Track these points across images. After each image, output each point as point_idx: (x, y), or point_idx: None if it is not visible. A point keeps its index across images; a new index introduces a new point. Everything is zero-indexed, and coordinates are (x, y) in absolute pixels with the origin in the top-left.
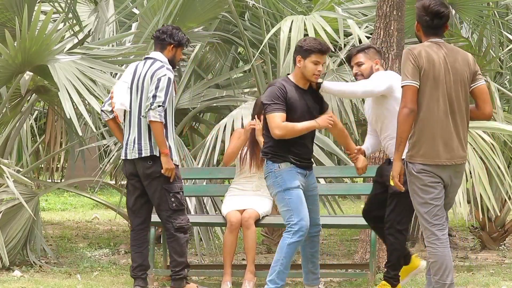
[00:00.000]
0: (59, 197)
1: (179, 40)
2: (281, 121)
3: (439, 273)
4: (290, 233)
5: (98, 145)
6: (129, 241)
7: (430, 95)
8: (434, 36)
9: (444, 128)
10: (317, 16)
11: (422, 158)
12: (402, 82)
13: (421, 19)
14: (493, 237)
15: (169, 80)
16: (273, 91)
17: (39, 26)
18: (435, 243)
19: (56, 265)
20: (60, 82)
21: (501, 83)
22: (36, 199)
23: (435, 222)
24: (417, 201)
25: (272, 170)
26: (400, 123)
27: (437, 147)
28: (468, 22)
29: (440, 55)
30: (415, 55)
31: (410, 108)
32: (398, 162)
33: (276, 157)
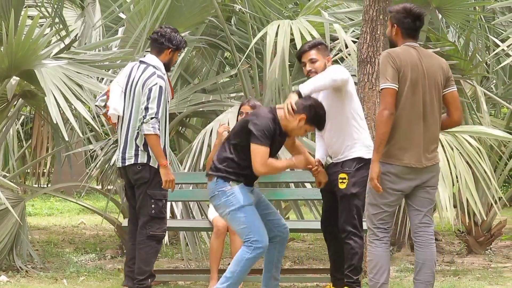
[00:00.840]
0: (45, 202)
1: (177, 44)
2: (267, 158)
3: (373, 272)
4: (250, 248)
5: (84, 150)
6: (115, 246)
7: (405, 98)
8: (412, 40)
9: (416, 131)
10: (304, 21)
11: (392, 159)
12: (382, 85)
13: (401, 22)
14: (479, 242)
15: (161, 88)
16: (268, 124)
17: (26, 31)
18: (375, 242)
19: (42, 270)
20: (47, 87)
21: (487, 88)
22: (22, 204)
23: (379, 225)
24: (370, 201)
25: (222, 189)
26: (380, 125)
27: (408, 150)
28: (454, 27)
29: (417, 59)
30: (394, 58)
31: (391, 111)
32: (377, 163)
33: (229, 176)
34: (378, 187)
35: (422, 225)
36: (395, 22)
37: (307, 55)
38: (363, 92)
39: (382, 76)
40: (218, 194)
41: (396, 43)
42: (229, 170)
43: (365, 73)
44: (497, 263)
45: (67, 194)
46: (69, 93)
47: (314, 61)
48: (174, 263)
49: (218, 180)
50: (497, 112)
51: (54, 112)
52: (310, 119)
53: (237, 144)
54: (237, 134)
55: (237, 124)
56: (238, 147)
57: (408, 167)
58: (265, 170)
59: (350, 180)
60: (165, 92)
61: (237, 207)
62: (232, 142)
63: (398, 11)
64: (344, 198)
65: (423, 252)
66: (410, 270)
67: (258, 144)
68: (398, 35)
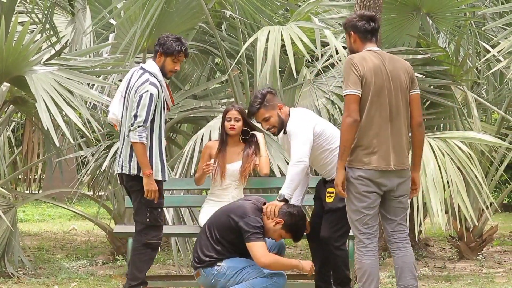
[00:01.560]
0: (36, 208)
1: (167, 49)
2: (266, 249)
3: (362, 280)
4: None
5: (75, 156)
6: (107, 252)
7: (371, 103)
8: (371, 44)
9: (384, 135)
10: (294, 27)
11: (361, 163)
12: (345, 91)
13: (357, 26)
14: (470, 247)
15: (151, 96)
16: (257, 220)
17: (16, 37)
18: (362, 250)
19: (34, 276)
20: (38, 93)
21: (478, 93)
22: (13, 210)
23: (364, 230)
24: (350, 207)
25: (215, 272)
26: (343, 132)
27: (376, 153)
28: (445, 32)
29: (380, 63)
30: (356, 64)
31: (354, 118)
32: (342, 170)
33: (214, 260)
34: (343, 193)
35: (396, 233)
36: (351, 30)
37: (259, 115)
38: None
39: (345, 82)
40: (215, 279)
41: (357, 52)
42: (214, 259)
43: None
44: (488, 269)
45: (58, 200)
46: (59, 99)
47: (268, 119)
48: (166, 269)
49: (205, 269)
50: (488, 118)
51: (45, 118)
52: (287, 226)
53: (224, 240)
54: (224, 232)
55: (220, 218)
56: (224, 242)
57: (378, 170)
58: (268, 261)
59: (337, 195)
60: (156, 99)
61: (237, 271)
62: (217, 237)
63: (351, 19)
64: (330, 212)
65: (400, 257)
66: None
67: (253, 241)
68: (357, 41)
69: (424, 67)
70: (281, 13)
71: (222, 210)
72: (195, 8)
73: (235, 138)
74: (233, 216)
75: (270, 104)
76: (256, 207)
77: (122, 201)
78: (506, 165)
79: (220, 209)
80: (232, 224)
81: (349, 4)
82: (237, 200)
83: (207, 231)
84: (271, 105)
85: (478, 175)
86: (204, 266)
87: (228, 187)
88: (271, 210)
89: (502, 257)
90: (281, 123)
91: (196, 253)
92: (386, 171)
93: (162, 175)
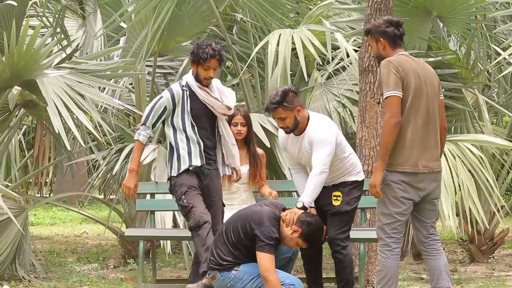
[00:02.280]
0: (47, 212)
1: (194, 56)
2: (274, 265)
3: (382, 282)
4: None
5: (86, 160)
6: (118, 255)
7: (410, 105)
8: (400, 49)
9: (422, 138)
10: (305, 30)
11: (401, 166)
12: (387, 93)
13: (386, 32)
14: (482, 250)
15: (159, 98)
16: (272, 231)
17: (27, 41)
18: (386, 253)
19: (45, 280)
20: (49, 97)
21: (489, 96)
22: (24, 214)
23: (392, 235)
24: (383, 211)
25: (232, 276)
26: (386, 133)
27: (416, 156)
28: (456, 35)
29: (416, 67)
30: (396, 66)
31: (398, 119)
32: (381, 171)
33: (231, 264)
34: (380, 194)
35: (431, 236)
36: (380, 36)
37: (276, 113)
38: (364, 101)
39: (385, 84)
40: (232, 283)
41: (386, 57)
42: (231, 263)
43: (367, 82)
44: (499, 272)
45: (69, 204)
46: (70, 103)
47: (284, 119)
48: (177, 272)
49: (221, 273)
50: (499, 121)
51: (56, 122)
52: (304, 235)
53: (241, 245)
54: (240, 237)
55: (237, 223)
56: (241, 248)
57: (418, 173)
58: (270, 279)
59: (344, 198)
60: (166, 103)
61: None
62: (234, 242)
63: (378, 25)
64: (338, 214)
65: (437, 259)
66: (413, 279)
67: (266, 252)
68: (386, 47)
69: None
70: (292, 16)
71: (239, 214)
72: (206, 12)
73: (241, 142)
74: (251, 223)
75: (290, 105)
76: (274, 215)
77: (133, 204)
78: None
79: (238, 213)
80: (248, 231)
81: (360, 7)
82: (256, 204)
83: (224, 235)
84: (290, 106)
85: (489, 178)
86: (221, 270)
87: (237, 190)
88: (290, 218)
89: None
90: (295, 125)
91: (213, 255)
92: (424, 174)
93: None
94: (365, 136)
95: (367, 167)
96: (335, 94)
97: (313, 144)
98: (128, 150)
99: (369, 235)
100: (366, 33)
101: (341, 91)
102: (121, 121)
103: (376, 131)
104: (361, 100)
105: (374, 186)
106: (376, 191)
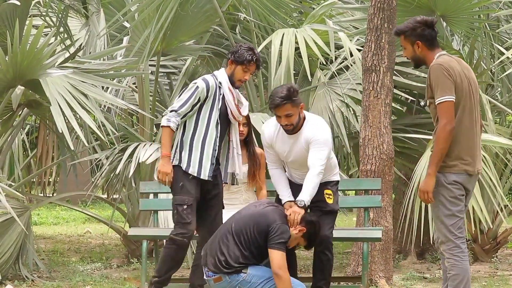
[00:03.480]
0: (51, 211)
1: (238, 57)
2: (285, 261)
3: (460, 286)
4: None
5: (90, 159)
6: (121, 255)
7: (462, 108)
8: (439, 49)
9: (471, 139)
10: (308, 29)
11: (455, 168)
12: (442, 98)
13: (422, 35)
14: (485, 249)
15: (196, 88)
16: (287, 230)
17: (31, 41)
18: (459, 255)
19: (48, 279)
20: (52, 97)
21: (492, 95)
22: (28, 213)
23: (459, 235)
24: (444, 212)
25: (240, 279)
26: (442, 139)
27: (467, 158)
28: (459, 35)
29: (460, 67)
30: (448, 69)
31: (453, 125)
32: (434, 178)
33: (242, 267)
34: (433, 200)
35: None
36: (417, 39)
37: (284, 109)
38: (368, 101)
39: (441, 88)
40: (239, 286)
41: (425, 60)
42: (242, 265)
43: (370, 82)
44: (503, 271)
45: (72, 203)
46: (74, 102)
47: (290, 116)
48: (180, 272)
49: (231, 276)
50: (502, 120)
51: (59, 121)
52: (308, 234)
53: (253, 246)
54: (253, 238)
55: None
56: (253, 248)
57: (469, 175)
58: (281, 274)
59: (334, 197)
60: (202, 93)
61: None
62: (247, 243)
63: (413, 27)
64: (331, 213)
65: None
66: (416, 278)
67: (278, 250)
68: (424, 49)
69: None
70: (295, 15)
71: (249, 215)
72: (209, 11)
73: (241, 142)
74: (265, 221)
75: (297, 102)
76: (283, 214)
77: (136, 204)
78: None
79: (244, 214)
80: (263, 230)
81: (363, 7)
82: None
83: (234, 236)
84: (297, 103)
85: (492, 177)
86: (231, 273)
87: (238, 190)
88: (294, 218)
89: None
90: (297, 123)
91: (223, 255)
92: (472, 175)
93: (197, 171)
94: (368, 136)
95: (371, 166)
96: (338, 93)
97: (312, 144)
98: (131, 149)
99: (373, 235)
100: (399, 35)
101: (344, 90)
102: (124, 121)
103: (379, 131)
104: (364, 99)
105: (427, 192)
106: (430, 197)
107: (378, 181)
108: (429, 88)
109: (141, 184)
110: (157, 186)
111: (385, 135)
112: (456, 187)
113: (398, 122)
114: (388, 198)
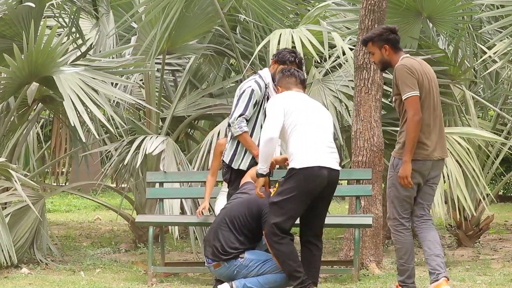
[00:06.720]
0: (63, 199)
1: (281, 57)
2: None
3: (404, 258)
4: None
5: (100, 151)
6: (129, 240)
7: (423, 102)
8: (401, 52)
9: (433, 131)
10: (304, 30)
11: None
12: (409, 93)
13: (388, 39)
14: (468, 235)
15: (252, 91)
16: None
17: (45, 40)
18: (403, 232)
19: (61, 263)
20: (65, 92)
21: (475, 92)
22: (42, 201)
23: (404, 215)
24: (395, 194)
25: (238, 264)
26: (412, 129)
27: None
28: (444, 35)
29: (421, 67)
30: (411, 69)
31: (420, 116)
32: (409, 163)
33: (239, 252)
34: (411, 184)
35: (424, 215)
36: (385, 43)
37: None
38: (359, 96)
39: (405, 85)
40: (237, 270)
41: (391, 62)
42: (239, 250)
43: (361, 78)
44: (485, 255)
45: (84, 192)
46: (85, 98)
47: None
48: (184, 256)
49: (229, 261)
50: (485, 115)
51: (72, 116)
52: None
53: (247, 229)
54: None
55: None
56: (247, 232)
57: (428, 160)
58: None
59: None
60: (257, 96)
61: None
62: (241, 228)
63: (380, 33)
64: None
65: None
66: None
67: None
68: (391, 52)
69: None
70: (291, 17)
71: (240, 203)
72: (211, 13)
73: None
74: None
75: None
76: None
77: (143, 192)
78: (501, 159)
79: (237, 202)
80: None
81: (355, 9)
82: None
83: (228, 223)
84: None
85: (475, 168)
86: (229, 259)
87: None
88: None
89: (497, 245)
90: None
91: (219, 242)
92: (436, 161)
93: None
94: (359, 129)
95: (362, 158)
96: (332, 89)
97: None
98: (139, 141)
99: (364, 221)
100: (366, 42)
101: (337, 86)
102: (132, 115)
103: (370, 124)
104: (356, 95)
105: (405, 177)
106: (408, 181)
107: (369, 172)
108: (395, 86)
109: (148, 174)
110: (163, 176)
111: (375, 129)
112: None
113: (388, 116)
114: (378, 187)
